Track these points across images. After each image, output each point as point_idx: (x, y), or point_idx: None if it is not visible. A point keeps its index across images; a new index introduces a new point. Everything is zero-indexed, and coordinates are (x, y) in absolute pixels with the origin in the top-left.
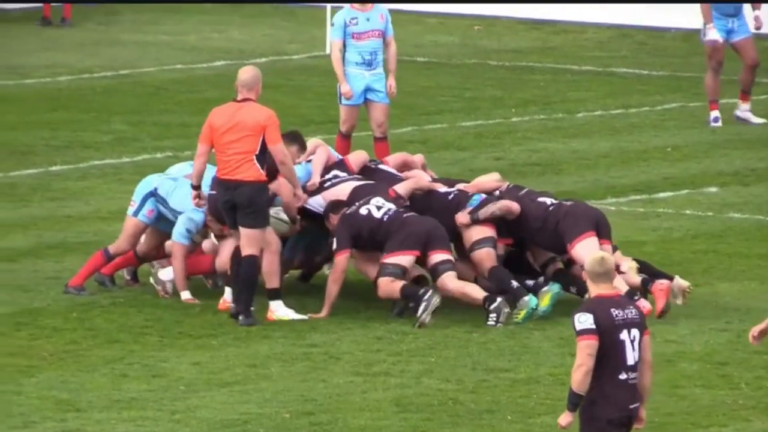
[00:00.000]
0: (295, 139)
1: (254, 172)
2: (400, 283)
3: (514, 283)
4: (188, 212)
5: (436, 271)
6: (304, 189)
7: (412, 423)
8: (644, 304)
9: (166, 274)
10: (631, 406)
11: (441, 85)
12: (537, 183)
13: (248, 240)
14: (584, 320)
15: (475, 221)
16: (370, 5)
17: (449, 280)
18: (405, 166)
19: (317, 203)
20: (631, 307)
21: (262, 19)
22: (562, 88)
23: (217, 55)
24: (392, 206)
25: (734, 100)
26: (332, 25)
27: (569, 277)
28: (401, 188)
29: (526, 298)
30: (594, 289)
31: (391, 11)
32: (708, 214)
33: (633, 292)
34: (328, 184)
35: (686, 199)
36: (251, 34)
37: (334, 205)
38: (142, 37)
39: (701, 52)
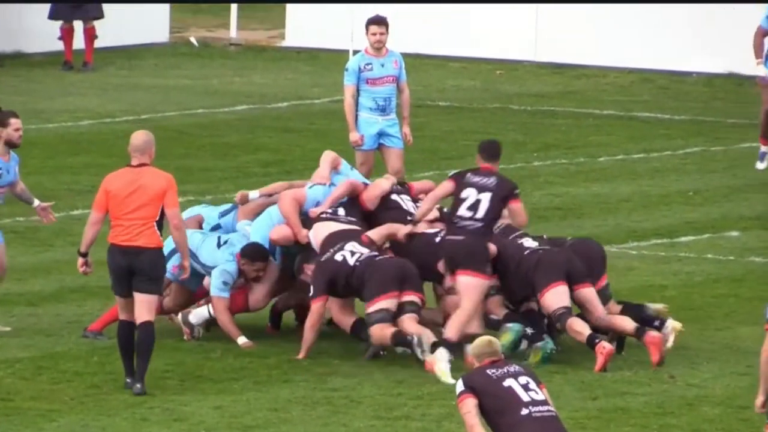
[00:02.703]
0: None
1: (155, 238)
2: (391, 330)
3: (529, 329)
4: (222, 265)
5: (401, 310)
6: (307, 214)
7: None
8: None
9: (196, 317)
10: None
11: (463, 129)
12: (558, 227)
13: (147, 306)
14: (456, 387)
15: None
16: (385, 50)
17: (408, 323)
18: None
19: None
20: (512, 365)
21: (284, 63)
22: (584, 132)
23: (239, 99)
24: (365, 251)
25: (756, 144)
26: (346, 70)
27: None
28: (374, 234)
29: (539, 344)
30: (476, 365)
31: (413, 56)
32: (729, 258)
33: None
34: (324, 216)
35: (708, 244)
36: (273, 78)
37: (305, 257)
38: (163, 81)
39: (722, 96)
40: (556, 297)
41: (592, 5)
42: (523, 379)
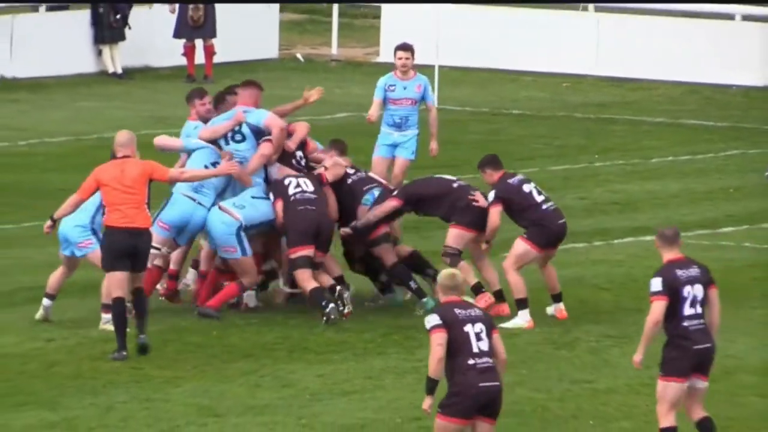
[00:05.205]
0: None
1: (148, 218)
2: (313, 284)
3: (413, 284)
4: None
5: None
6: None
7: (507, 427)
8: (487, 298)
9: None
10: (481, 384)
11: (533, 134)
12: (617, 220)
13: (142, 278)
14: (432, 319)
15: (354, 229)
16: (412, 74)
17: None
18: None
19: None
20: (474, 308)
21: (379, 76)
22: (639, 137)
23: (339, 108)
24: (307, 190)
25: None
26: (376, 86)
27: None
28: (330, 175)
29: (424, 299)
30: (442, 298)
31: (490, 70)
32: (764, 247)
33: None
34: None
35: (746, 234)
36: (369, 90)
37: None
38: (273, 92)
39: (759, 106)
40: (459, 238)
41: (647, 27)
42: (478, 327)
